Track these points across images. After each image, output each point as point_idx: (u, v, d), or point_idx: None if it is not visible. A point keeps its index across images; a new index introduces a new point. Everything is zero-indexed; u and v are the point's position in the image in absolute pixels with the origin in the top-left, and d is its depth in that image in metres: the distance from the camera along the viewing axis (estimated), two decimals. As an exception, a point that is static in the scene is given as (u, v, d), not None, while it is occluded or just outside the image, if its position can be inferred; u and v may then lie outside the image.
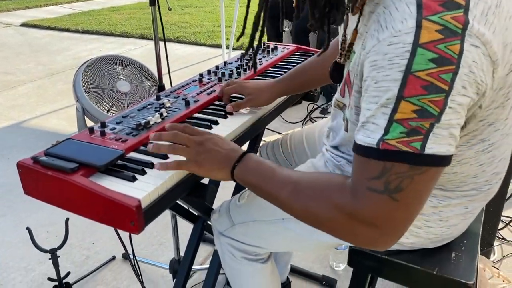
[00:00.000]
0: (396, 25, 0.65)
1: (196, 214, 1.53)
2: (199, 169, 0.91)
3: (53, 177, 0.89)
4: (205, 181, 1.02)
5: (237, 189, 1.59)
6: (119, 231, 1.18)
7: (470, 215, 0.94)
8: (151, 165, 0.93)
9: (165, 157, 0.97)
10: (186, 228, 1.61)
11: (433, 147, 0.64)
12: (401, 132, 0.65)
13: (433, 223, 0.90)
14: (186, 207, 1.48)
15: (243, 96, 1.24)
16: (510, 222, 2.10)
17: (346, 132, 0.89)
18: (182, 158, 0.93)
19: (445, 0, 0.63)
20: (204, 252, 2.01)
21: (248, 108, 1.24)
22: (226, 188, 1.55)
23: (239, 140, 1.16)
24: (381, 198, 0.67)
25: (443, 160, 0.66)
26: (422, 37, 0.62)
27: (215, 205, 1.29)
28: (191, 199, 1.23)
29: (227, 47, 4.46)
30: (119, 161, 0.95)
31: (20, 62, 4.80)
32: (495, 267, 1.82)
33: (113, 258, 1.98)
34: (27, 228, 1.54)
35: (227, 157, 0.90)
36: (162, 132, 0.96)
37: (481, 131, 0.77)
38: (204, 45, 5.51)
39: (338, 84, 0.94)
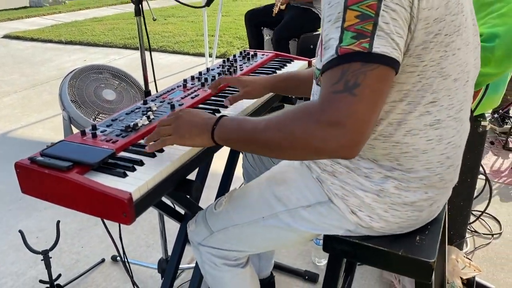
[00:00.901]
0: None
1: (183, 213, 1.60)
2: (182, 139, 1.02)
3: (50, 175, 0.96)
4: (191, 177, 1.10)
5: (221, 191, 1.67)
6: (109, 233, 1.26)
7: (433, 203, 1.03)
8: (140, 163, 1.01)
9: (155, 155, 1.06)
10: (173, 230, 1.68)
11: (379, 47, 0.76)
12: (351, 37, 0.78)
13: (399, 206, 1.00)
14: (173, 206, 1.56)
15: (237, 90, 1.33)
16: (480, 215, 2.22)
17: (318, 86, 0.96)
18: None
19: None
20: (191, 252, 2.08)
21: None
22: (212, 188, 1.62)
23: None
24: (342, 96, 0.76)
25: (390, 60, 0.77)
26: None
27: (203, 205, 1.36)
28: (177, 194, 1.32)
29: (210, 56, 4.55)
30: (110, 159, 1.02)
31: (3, 73, 4.81)
32: (467, 258, 1.93)
33: (103, 260, 2.04)
34: (20, 231, 1.60)
35: (204, 124, 1.00)
36: (149, 135, 1.06)
37: (427, 85, 0.88)
38: (188, 54, 5.59)
39: None
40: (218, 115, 1.02)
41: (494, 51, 1.36)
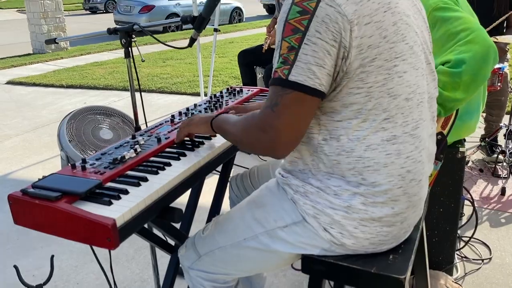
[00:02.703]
0: None
1: (173, 244, 1.65)
2: (190, 126, 1.35)
3: (40, 205, 1.03)
4: (173, 205, 1.16)
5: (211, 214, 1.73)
6: (106, 270, 1.30)
7: (401, 219, 1.09)
8: (125, 191, 1.08)
9: (156, 173, 1.19)
10: (167, 265, 1.72)
11: (295, 75, 0.95)
12: (281, 62, 0.97)
13: (367, 222, 1.06)
14: (165, 239, 1.61)
15: None
16: (468, 241, 2.26)
17: None
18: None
19: None
20: (183, 286, 2.10)
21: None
22: (202, 222, 1.67)
23: (208, 167, 1.32)
24: (267, 110, 0.98)
25: (304, 88, 0.94)
26: None
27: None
28: (165, 223, 1.38)
29: (206, 94, 4.69)
30: (97, 189, 1.10)
31: (6, 118, 4.94)
32: (456, 283, 1.95)
33: (97, 296, 2.06)
34: (14, 266, 1.64)
35: (207, 118, 1.30)
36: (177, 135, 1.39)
37: (378, 104, 1.00)
38: (185, 93, 5.75)
39: None
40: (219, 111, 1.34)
41: (461, 76, 1.45)
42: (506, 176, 3.01)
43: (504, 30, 3.16)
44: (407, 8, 1.06)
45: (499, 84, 2.68)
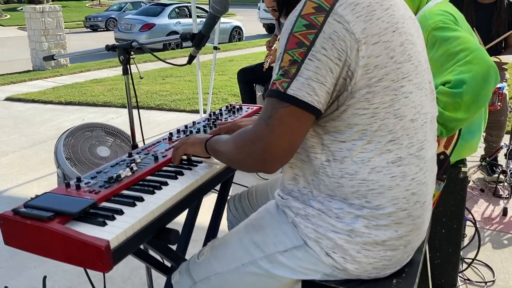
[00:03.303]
0: (297, 6, 0.97)
1: (170, 265, 1.61)
2: (186, 147, 1.31)
3: (32, 226, 0.99)
4: (176, 227, 1.13)
5: (207, 243, 1.69)
6: None
7: (407, 244, 1.06)
8: (120, 212, 1.05)
9: (152, 192, 1.16)
10: (163, 286, 1.67)
11: (293, 89, 0.92)
12: (280, 75, 0.94)
13: (370, 246, 1.02)
14: (162, 260, 1.57)
15: None
16: (471, 263, 2.21)
17: None
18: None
19: None
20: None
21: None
22: (199, 241, 1.63)
23: (205, 188, 1.29)
24: (261, 123, 0.96)
25: (301, 103, 0.92)
26: (303, 11, 0.94)
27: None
28: (160, 244, 1.34)
29: (205, 112, 4.68)
30: (91, 209, 1.06)
31: (3, 134, 4.91)
32: (460, 306, 1.90)
33: (91, 318, 2.00)
34: (5, 287, 1.60)
35: (201, 139, 1.26)
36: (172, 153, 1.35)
37: (383, 125, 0.97)
38: (184, 111, 5.73)
39: None
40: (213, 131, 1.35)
41: (462, 97, 1.43)
42: (507, 196, 2.98)
43: (503, 50, 3.17)
44: (411, 27, 1.04)
45: (499, 103, 2.67)
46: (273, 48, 3.94)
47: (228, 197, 1.68)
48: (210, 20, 1.46)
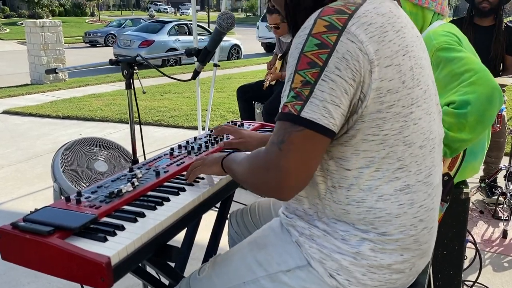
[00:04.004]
0: (305, 24, 0.93)
1: (167, 283, 1.58)
2: (203, 167, 1.29)
3: (31, 240, 0.97)
4: (172, 243, 1.11)
5: (207, 259, 1.66)
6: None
7: (411, 267, 1.04)
8: (121, 227, 1.03)
9: (153, 208, 1.14)
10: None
11: (308, 112, 0.87)
12: (292, 97, 0.89)
13: (376, 269, 1.00)
14: (158, 277, 1.54)
15: None
16: (473, 285, 2.18)
17: None
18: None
19: (338, 8, 0.91)
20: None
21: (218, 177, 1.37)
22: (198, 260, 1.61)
23: (207, 204, 1.27)
24: (274, 147, 0.90)
25: (317, 126, 0.87)
26: (314, 29, 0.90)
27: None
28: (159, 261, 1.31)
29: (203, 128, 4.67)
30: (92, 224, 1.04)
31: (-1, 147, 4.88)
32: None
33: (84, 337, 1.95)
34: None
35: (219, 157, 1.25)
36: (187, 171, 1.34)
37: (392, 153, 0.94)
38: (182, 127, 5.73)
39: None
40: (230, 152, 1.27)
41: (467, 117, 1.43)
42: (507, 218, 2.97)
43: (501, 72, 3.20)
44: (419, 48, 1.02)
45: (498, 125, 2.69)
46: (273, 67, 3.96)
47: (230, 213, 1.66)
48: (216, 36, 1.46)
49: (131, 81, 1.55)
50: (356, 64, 0.88)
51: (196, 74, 1.58)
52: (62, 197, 2.94)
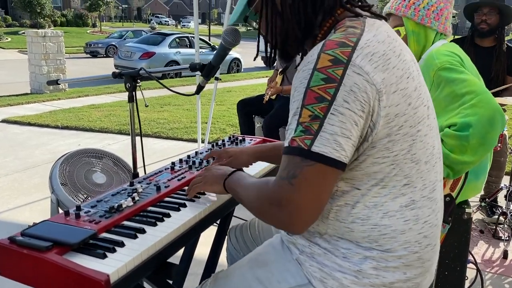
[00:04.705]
0: (307, 58, 0.93)
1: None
2: (205, 186, 1.25)
3: (28, 255, 0.95)
4: (172, 260, 1.09)
5: (206, 275, 1.63)
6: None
7: (413, 285, 1.02)
8: (121, 244, 1.01)
9: (154, 224, 1.12)
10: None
11: (319, 146, 0.86)
12: (300, 131, 0.88)
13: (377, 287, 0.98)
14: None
15: None
16: (474, 306, 2.15)
17: None
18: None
19: (340, 41, 0.91)
20: None
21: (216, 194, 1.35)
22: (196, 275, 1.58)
23: (208, 220, 1.25)
24: (284, 183, 0.89)
25: (328, 160, 0.86)
26: (319, 64, 0.89)
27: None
28: (158, 279, 1.28)
29: (203, 141, 4.66)
30: (91, 240, 1.02)
31: (-3, 156, 4.85)
32: None
33: None
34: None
35: (222, 175, 1.20)
36: (188, 186, 1.30)
37: (400, 171, 0.95)
38: (181, 139, 5.71)
39: None
40: (232, 170, 1.20)
41: (469, 140, 1.42)
42: (507, 238, 2.94)
43: (501, 92, 3.21)
44: (416, 68, 1.04)
45: (499, 144, 2.68)
46: (273, 82, 3.96)
47: (229, 228, 1.64)
48: (221, 52, 1.46)
49: (134, 94, 1.54)
50: (364, 95, 0.88)
51: (200, 89, 1.57)
52: (60, 209, 2.91)
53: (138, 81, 1.53)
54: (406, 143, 0.94)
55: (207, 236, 1.84)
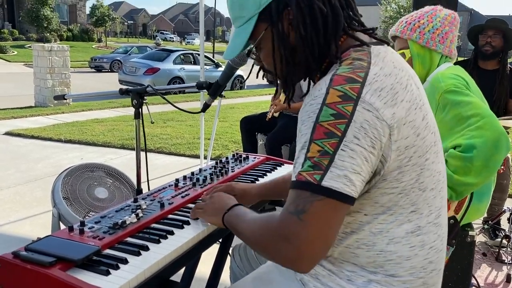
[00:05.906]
0: (314, 92, 0.92)
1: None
2: (203, 215, 1.23)
3: (32, 271, 0.95)
4: (173, 278, 1.08)
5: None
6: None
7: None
8: (125, 261, 1.01)
9: (157, 241, 1.11)
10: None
11: (329, 181, 0.85)
12: (309, 166, 0.87)
13: None
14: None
15: None
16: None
17: None
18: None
19: (348, 77, 0.90)
20: None
21: None
22: None
23: (211, 239, 1.25)
24: (292, 217, 0.87)
25: (338, 195, 0.85)
26: (328, 99, 0.89)
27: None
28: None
29: (205, 158, 4.66)
30: (95, 256, 1.02)
31: (-1, 169, 4.86)
32: None
33: None
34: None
35: (221, 209, 1.17)
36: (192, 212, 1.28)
37: (408, 199, 0.95)
38: (184, 155, 5.72)
39: None
40: (233, 203, 1.17)
41: (473, 161, 1.43)
42: (510, 262, 2.91)
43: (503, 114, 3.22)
44: (422, 93, 1.03)
45: (502, 167, 2.67)
46: (276, 99, 3.98)
47: (233, 246, 1.63)
48: (228, 71, 1.48)
49: (140, 110, 1.55)
50: (375, 132, 0.88)
51: (206, 107, 1.59)
52: (61, 223, 2.90)
53: (145, 98, 1.54)
54: (414, 173, 0.94)
55: (208, 254, 1.83)
